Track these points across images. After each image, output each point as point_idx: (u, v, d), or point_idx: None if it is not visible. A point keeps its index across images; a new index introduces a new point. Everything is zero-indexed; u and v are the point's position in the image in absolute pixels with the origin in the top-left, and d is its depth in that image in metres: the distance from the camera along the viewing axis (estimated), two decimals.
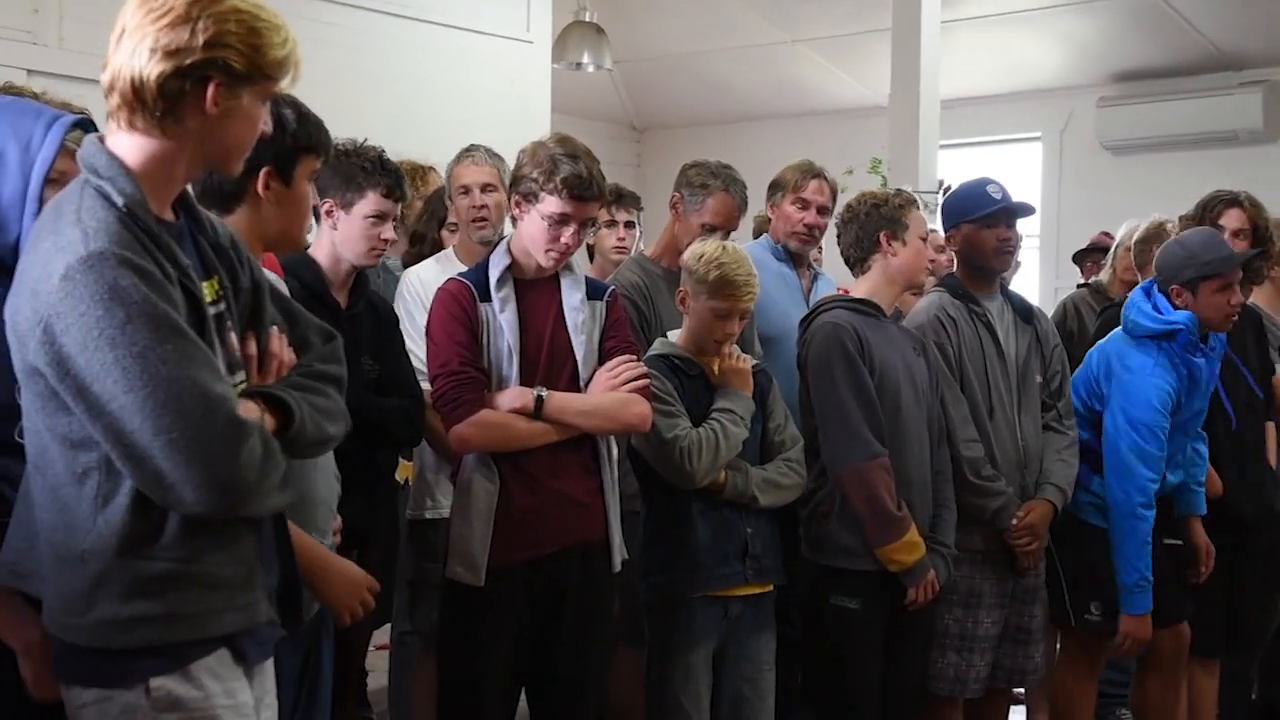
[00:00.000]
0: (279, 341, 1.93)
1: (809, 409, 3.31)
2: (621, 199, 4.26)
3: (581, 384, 2.90)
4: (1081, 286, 5.00)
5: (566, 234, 2.85)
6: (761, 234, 4.15)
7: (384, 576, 3.47)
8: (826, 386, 3.24)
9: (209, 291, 1.81)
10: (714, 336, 3.15)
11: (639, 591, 3.20)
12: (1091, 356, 3.77)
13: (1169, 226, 4.22)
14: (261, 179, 2.16)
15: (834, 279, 4.07)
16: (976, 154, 9.22)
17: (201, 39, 1.70)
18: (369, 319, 3.07)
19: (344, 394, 1.99)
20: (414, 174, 4.34)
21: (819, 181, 3.87)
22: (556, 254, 2.87)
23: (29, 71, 4.83)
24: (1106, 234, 5.68)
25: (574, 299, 2.92)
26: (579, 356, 2.90)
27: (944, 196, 4.21)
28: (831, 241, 3.61)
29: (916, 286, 3.64)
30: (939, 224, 3.90)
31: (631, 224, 4.33)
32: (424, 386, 3.10)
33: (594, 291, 2.99)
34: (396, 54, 6.40)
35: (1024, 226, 3.69)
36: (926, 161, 7.19)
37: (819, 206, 3.86)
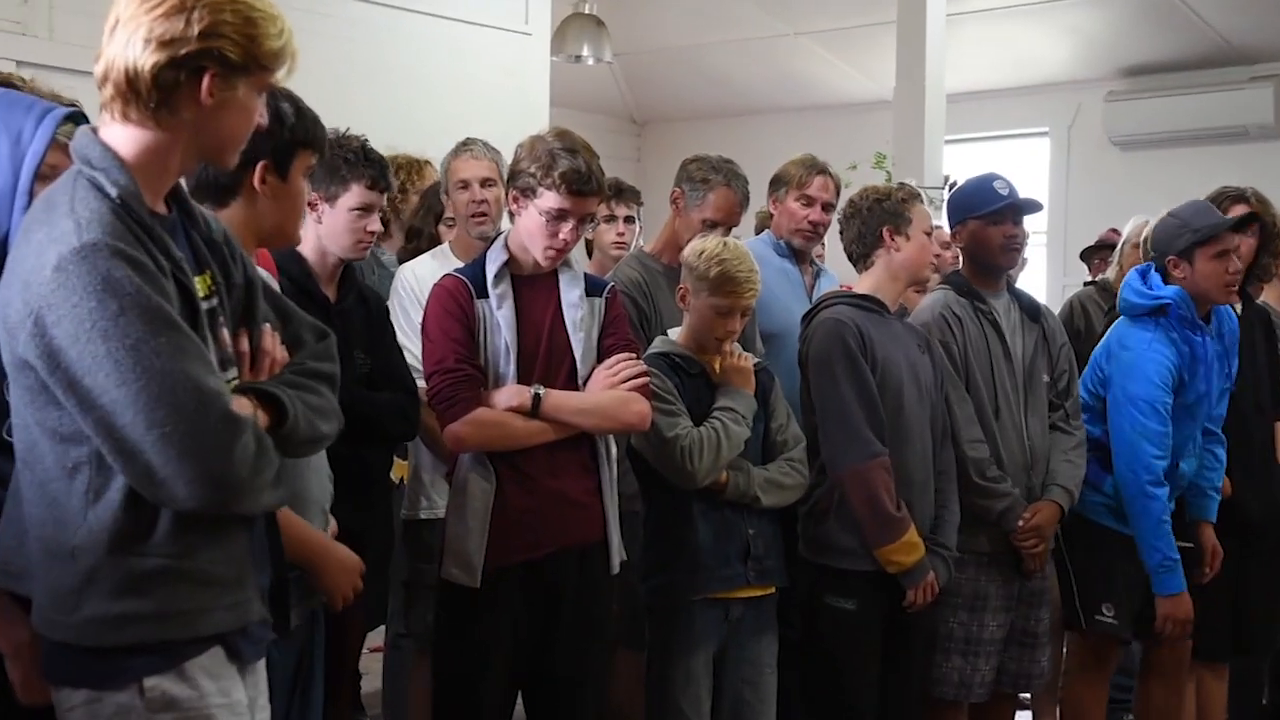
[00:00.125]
0: (272, 339, 1.93)
1: (810, 406, 3.31)
2: (621, 193, 4.27)
3: (580, 382, 2.90)
4: (1088, 284, 4.99)
5: (565, 230, 2.85)
6: (763, 230, 4.16)
7: (378, 578, 3.49)
8: (827, 384, 3.24)
9: (201, 286, 1.82)
10: (715, 334, 3.15)
11: (639, 593, 3.20)
12: (1097, 349, 3.79)
13: None
14: (258, 173, 2.17)
15: (837, 275, 4.08)
16: (983, 149, 9.22)
17: (197, 29, 1.71)
18: (359, 312, 3.06)
19: (337, 392, 1.99)
20: (410, 168, 4.34)
21: (824, 178, 3.88)
22: (554, 250, 2.87)
23: (18, 63, 4.82)
24: (1114, 231, 5.68)
25: (572, 295, 2.92)
26: (577, 354, 2.90)
27: (949, 192, 4.21)
28: (835, 237, 3.61)
29: (921, 282, 3.65)
30: (944, 220, 3.91)
31: (631, 219, 4.33)
32: (419, 384, 3.11)
33: (593, 288, 2.99)
34: (392, 46, 6.39)
35: (1031, 223, 3.70)
36: (932, 157, 7.19)
37: (824, 203, 3.87)
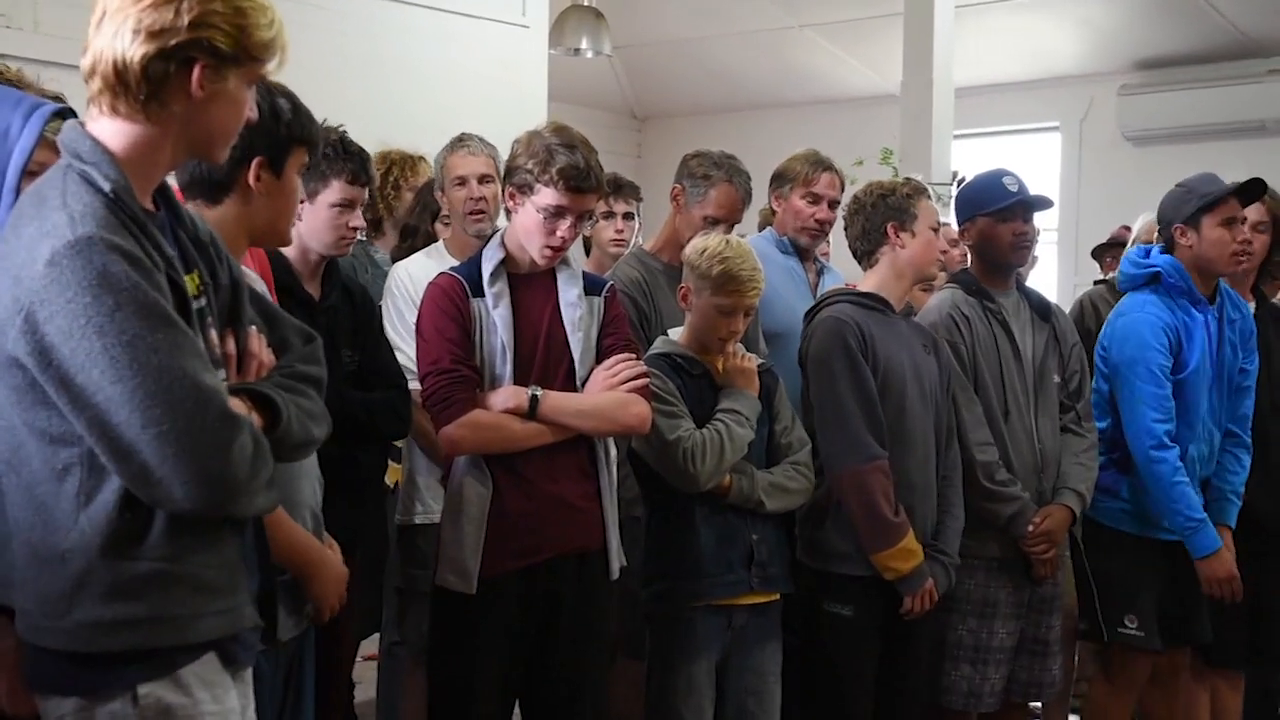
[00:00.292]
0: (258, 341, 1.94)
1: (810, 407, 3.32)
2: (620, 189, 4.27)
3: (578, 383, 2.90)
4: (1099, 283, 4.99)
5: (563, 227, 2.85)
6: (766, 227, 4.16)
7: (372, 584, 3.50)
8: (825, 384, 3.25)
9: (190, 286, 1.82)
10: (718, 334, 3.15)
11: (639, 600, 3.20)
12: (1101, 334, 3.82)
13: None
14: (253, 170, 2.18)
15: (842, 273, 4.08)
16: (992, 144, 9.25)
17: (186, 19, 1.71)
18: (345, 308, 3.06)
19: (323, 396, 1.99)
20: (403, 164, 4.34)
21: (830, 174, 3.89)
22: (552, 249, 2.87)
23: (2, 56, 4.82)
24: (1127, 228, 5.68)
25: (570, 294, 2.92)
26: (576, 354, 2.90)
27: (958, 189, 4.21)
28: (840, 234, 3.62)
29: (928, 279, 3.64)
30: (952, 217, 3.91)
31: (630, 215, 4.33)
32: (414, 386, 3.11)
33: (591, 286, 2.99)
34: (386, 38, 6.40)
35: (1042, 220, 3.70)
36: (940, 152, 7.20)
37: (830, 200, 3.87)
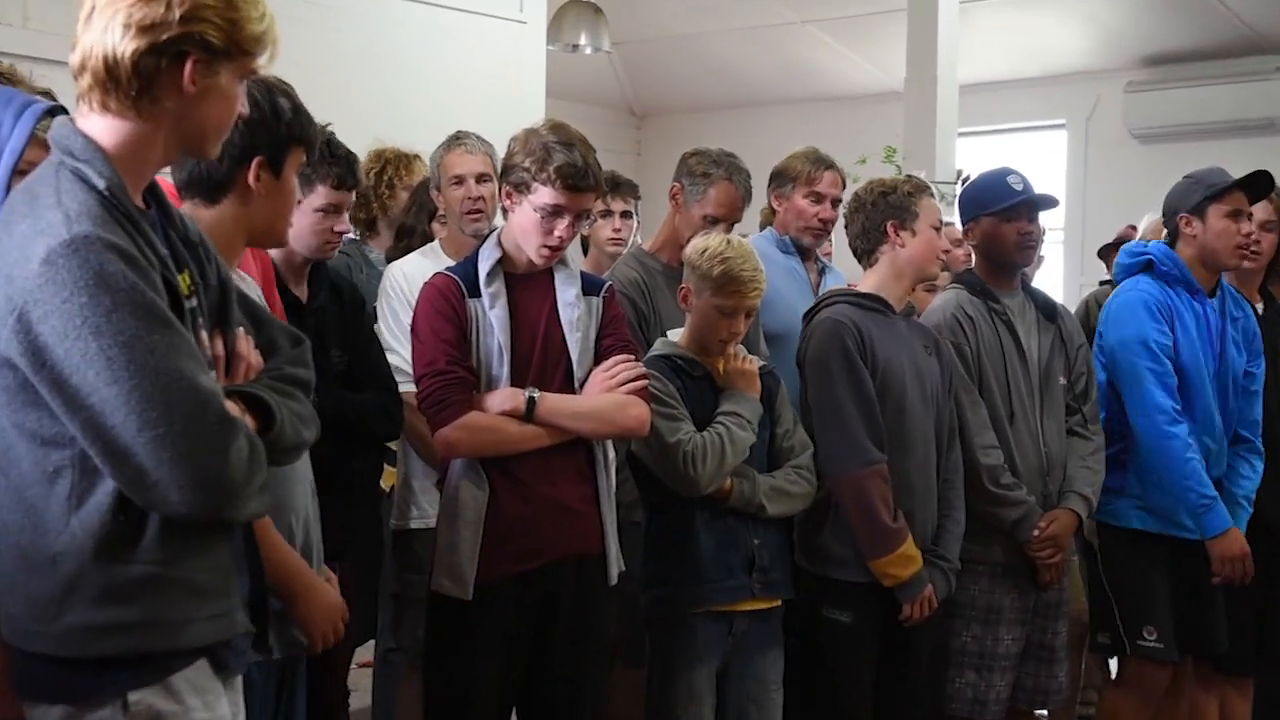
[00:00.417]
0: (246, 343, 1.94)
1: (809, 410, 3.31)
2: (618, 187, 4.26)
3: (576, 385, 2.90)
4: (1105, 283, 4.99)
5: (560, 226, 2.84)
6: (767, 227, 4.16)
7: (367, 590, 3.49)
8: (823, 387, 3.24)
9: (183, 286, 1.81)
10: (718, 336, 3.15)
11: (639, 606, 3.20)
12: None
13: None
14: (253, 169, 2.18)
15: (843, 273, 4.08)
16: (997, 142, 9.25)
17: (178, 13, 1.71)
18: (333, 308, 3.06)
19: (311, 398, 2.00)
20: (398, 163, 4.34)
21: (832, 173, 3.90)
22: (549, 248, 2.87)
23: None
24: (1133, 227, 5.69)
25: (568, 294, 2.92)
26: (574, 355, 2.90)
27: (962, 187, 4.21)
28: (842, 234, 3.61)
29: (928, 278, 3.64)
30: (956, 217, 3.91)
31: (628, 214, 4.32)
32: (409, 388, 3.11)
33: (590, 287, 2.99)
34: (380, 34, 6.39)
35: (1048, 220, 3.71)
36: (944, 150, 7.20)
37: (833, 199, 3.88)
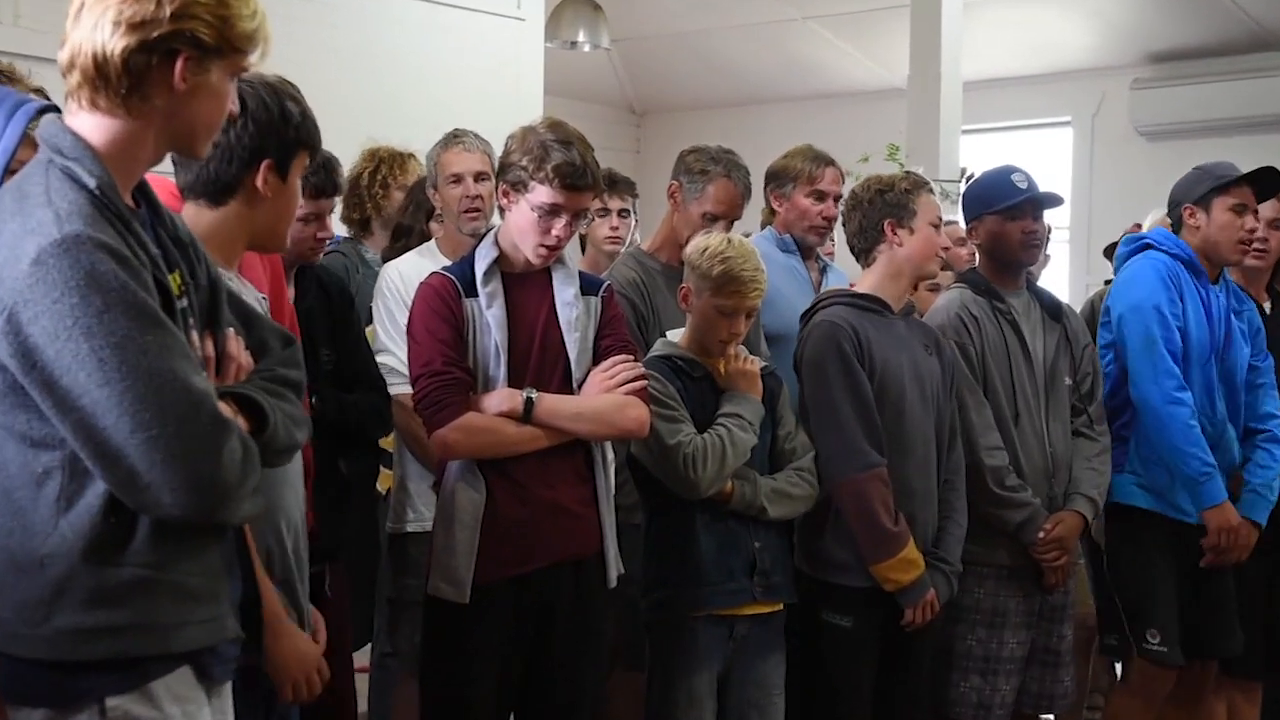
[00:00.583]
0: (237, 344, 1.94)
1: (805, 410, 3.32)
2: (615, 185, 4.25)
3: (575, 385, 2.90)
4: (1111, 282, 4.99)
5: (558, 226, 2.85)
6: (767, 226, 4.16)
7: (363, 594, 3.50)
8: (820, 391, 3.25)
9: (173, 286, 1.81)
10: (718, 336, 3.15)
11: (639, 610, 3.20)
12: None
13: None
14: (262, 172, 2.19)
15: (845, 271, 4.08)
16: (1001, 140, 9.25)
17: (168, 10, 1.71)
18: (321, 306, 3.06)
19: (302, 400, 2.00)
20: (392, 162, 4.34)
21: (833, 169, 3.91)
22: (546, 248, 2.87)
23: None
24: (1140, 226, 5.69)
25: (567, 294, 2.92)
26: (572, 356, 2.90)
27: (966, 186, 4.22)
28: (843, 231, 3.62)
29: (928, 277, 3.63)
30: (960, 215, 3.92)
31: (626, 212, 4.32)
32: (405, 389, 3.11)
33: (588, 286, 2.99)
34: (376, 31, 6.40)
35: (1053, 218, 3.72)
36: (947, 148, 7.21)
37: (835, 196, 3.88)
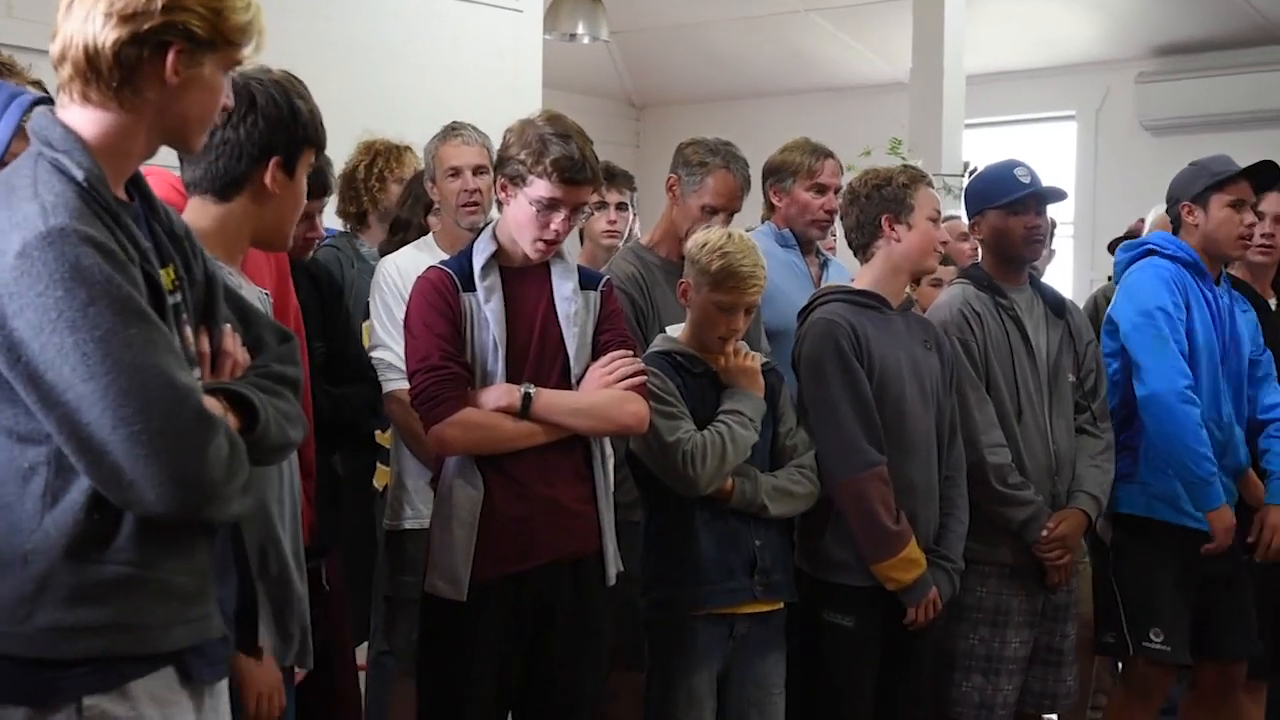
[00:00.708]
0: (233, 340, 1.93)
1: (804, 409, 3.31)
2: (613, 178, 4.24)
3: (573, 381, 2.90)
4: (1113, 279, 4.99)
5: (556, 220, 2.85)
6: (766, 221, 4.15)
7: (359, 592, 3.50)
8: (818, 389, 3.24)
9: (166, 280, 1.81)
10: (716, 332, 3.14)
11: (638, 608, 3.20)
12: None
13: None
14: (271, 168, 2.19)
15: (846, 265, 4.07)
16: (1005, 134, 9.24)
17: (160, 2, 1.70)
18: (312, 299, 3.05)
19: (301, 397, 1.99)
20: (388, 155, 4.33)
21: (833, 162, 3.91)
22: (544, 242, 2.87)
23: None
24: (1144, 221, 5.68)
25: (565, 289, 2.92)
26: (570, 351, 2.90)
27: (969, 180, 4.22)
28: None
29: (926, 272, 3.62)
30: (963, 210, 3.91)
31: (623, 206, 4.32)
32: (402, 384, 3.11)
33: (587, 281, 2.99)
34: (371, 23, 6.37)
35: (1057, 213, 3.71)
36: (950, 142, 7.21)
37: (835, 188, 3.88)
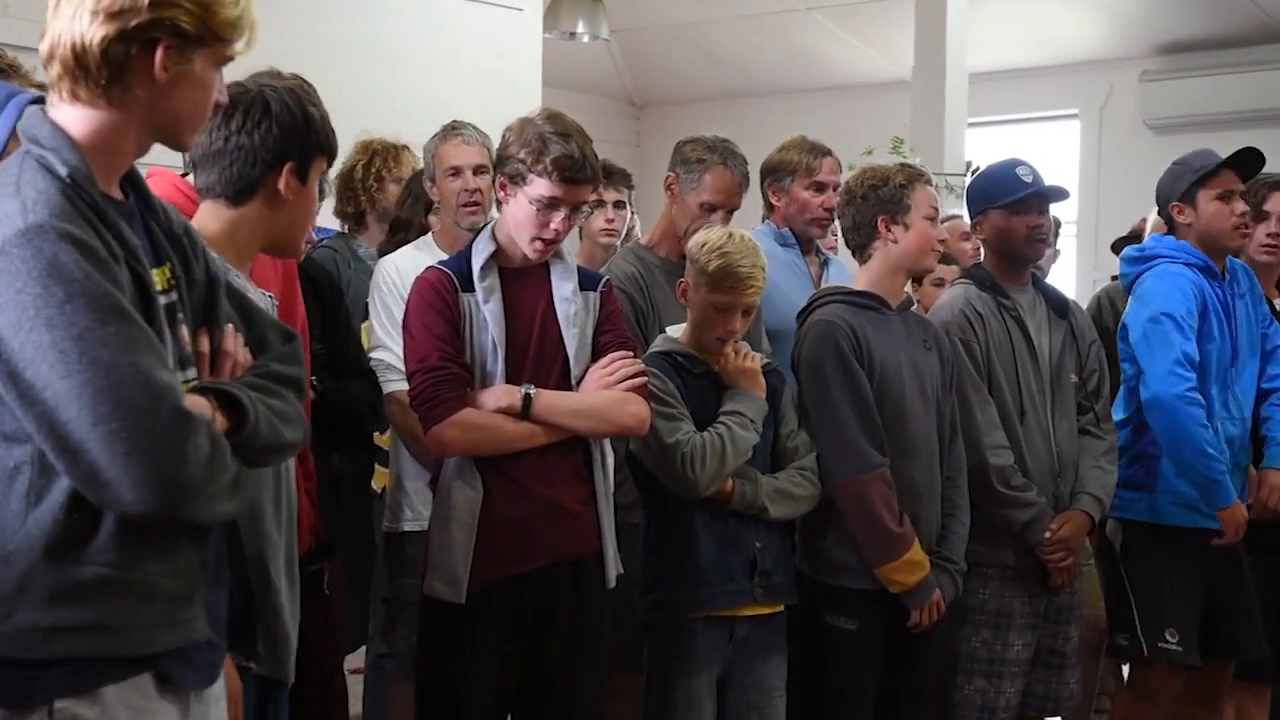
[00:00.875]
0: (234, 339, 1.93)
1: (804, 412, 3.31)
2: (611, 177, 4.22)
3: (573, 382, 2.91)
4: (1117, 278, 4.99)
5: (556, 219, 2.85)
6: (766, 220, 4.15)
7: (358, 594, 3.51)
8: (819, 391, 3.24)
9: (160, 279, 1.81)
10: (714, 334, 3.14)
11: (637, 610, 3.20)
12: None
13: None
14: (285, 174, 2.21)
15: (847, 264, 4.07)
16: (1008, 133, 9.25)
17: None
18: (310, 299, 3.07)
19: (303, 398, 1.99)
20: (386, 154, 4.33)
21: (831, 159, 3.90)
22: (544, 242, 2.87)
23: None
24: (1146, 221, 5.68)
25: (565, 289, 2.92)
26: (570, 352, 2.90)
27: (971, 179, 4.22)
28: None
29: (925, 271, 3.62)
30: (965, 209, 3.92)
31: (621, 204, 4.32)
32: (401, 385, 3.12)
33: (587, 281, 2.99)
34: (369, 21, 6.38)
35: (1060, 212, 3.71)
36: (953, 141, 7.22)
37: (834, 186, 3.88)
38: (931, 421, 3.33)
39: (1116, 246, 6.27)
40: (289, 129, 2.20)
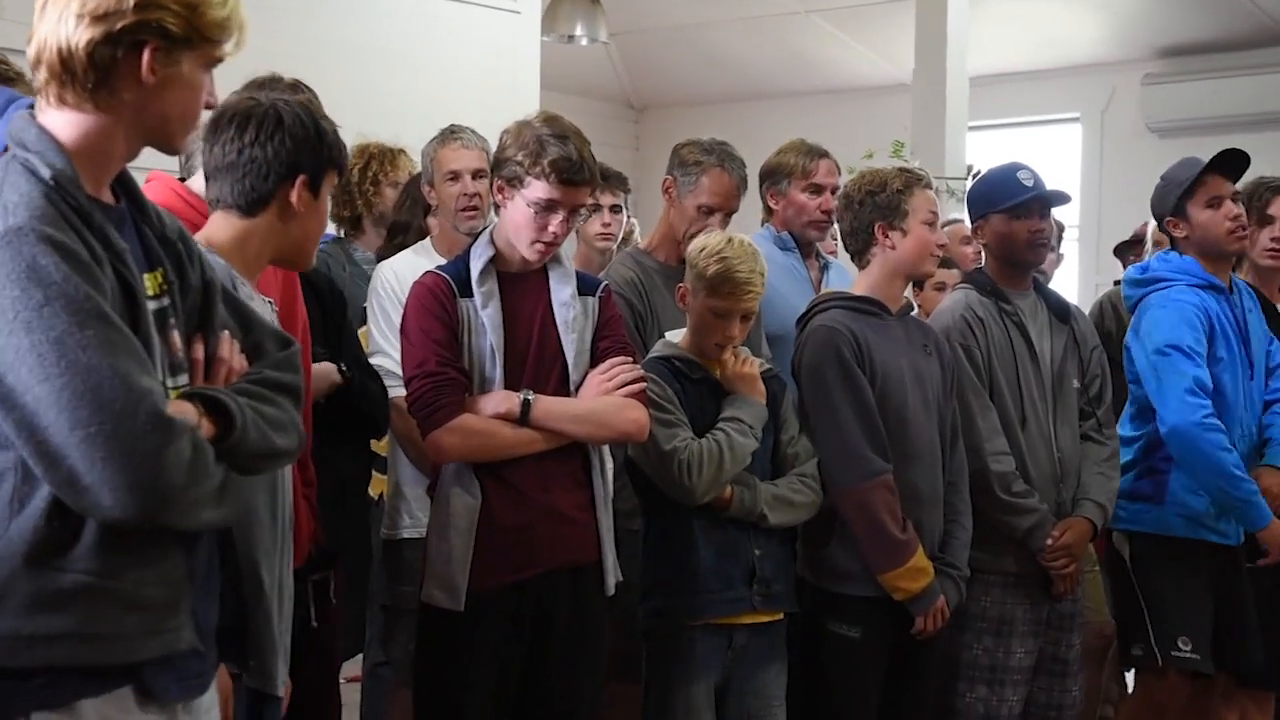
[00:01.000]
0: (229, 346, 1.92)
1: (805, 418, 3.31)
2: (607, 180, 4.22)
3: (572, 387, 2.90)
4: (1119, 283, 4.99)
5: (554, 222, 2.84)
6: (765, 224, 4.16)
7: (355, 602, 3.50)
8: (820, 397, 3.23)
9: (151, 284, 1.80)
10: (714, 339, 3.13)
11: (636, 618, 3.20)
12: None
13: None
14: (298, 187, 2.23)
15: (846, 266, 4.07)
16: (1009, 136, 9.26)
17: (132, 1, 1.70)
18: (312, 304, 3.06)
19: (300, 405, 1.98)
20: (382, 158, 4.33)
21: (828, 161, 3.91)
22: (542, 245, 2.86)
23: None
24: (1147, 226, 5.68)
25: (564, 294, 2.92)
26: (569, 357, 2.90)
27: (972, 183, 4.22)
28: None
29: (924, 276, 3.61)
30: (965, 214, 3.92)
31: (618, 208, 4.32)
32: (399, 391, 3.11)
33: (585, 286, 2.99)
34: (365, 23, 6.37)
35: (1062, 216, 3.70)
36: (953, 144, 7.22)
37: (832, 188, 3.88)
38: (933, 427, 3.32)
39: (1119, 250, 6.29)
40: (302, 142, 2.21)
